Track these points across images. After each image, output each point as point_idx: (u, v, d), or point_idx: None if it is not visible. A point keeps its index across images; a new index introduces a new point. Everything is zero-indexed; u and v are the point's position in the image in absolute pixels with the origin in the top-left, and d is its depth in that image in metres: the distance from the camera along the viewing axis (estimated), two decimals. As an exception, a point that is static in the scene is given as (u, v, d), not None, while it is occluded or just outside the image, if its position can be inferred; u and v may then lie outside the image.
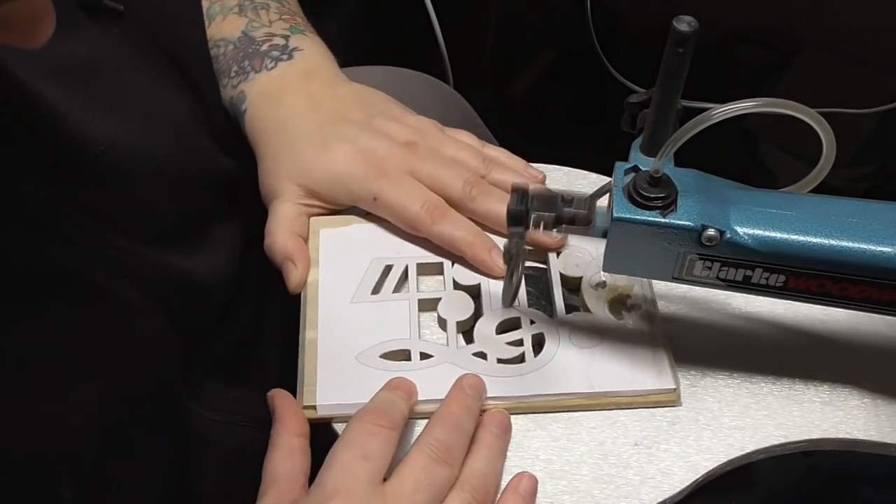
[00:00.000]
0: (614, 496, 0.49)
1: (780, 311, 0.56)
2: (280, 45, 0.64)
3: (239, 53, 0.64)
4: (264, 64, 0.63)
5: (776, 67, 1.03)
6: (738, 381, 0.53)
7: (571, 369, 0.52)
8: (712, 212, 0.45)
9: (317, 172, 0.58)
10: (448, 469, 0.47)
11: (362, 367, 0.53)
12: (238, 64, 0.64)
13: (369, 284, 0.57)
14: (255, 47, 0.64)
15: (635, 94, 0.50)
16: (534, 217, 0.47)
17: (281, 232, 0.58)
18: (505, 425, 0.51)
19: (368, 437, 0.46)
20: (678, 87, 0.44)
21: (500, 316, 0.55)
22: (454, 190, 0.58)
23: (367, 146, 0.58)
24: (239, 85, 0.63)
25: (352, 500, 0.44)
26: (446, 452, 0.47)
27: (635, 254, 0.46)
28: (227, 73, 0.64)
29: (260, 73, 0.63)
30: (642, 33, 0.74)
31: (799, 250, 0.44)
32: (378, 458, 0.46)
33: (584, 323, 0.54)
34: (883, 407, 0.52)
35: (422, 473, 0.46)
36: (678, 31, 0.42)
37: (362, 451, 0.46)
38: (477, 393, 0.51)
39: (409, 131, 0.60)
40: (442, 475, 0.46)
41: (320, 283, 0.57)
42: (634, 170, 0.47)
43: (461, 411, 0.49)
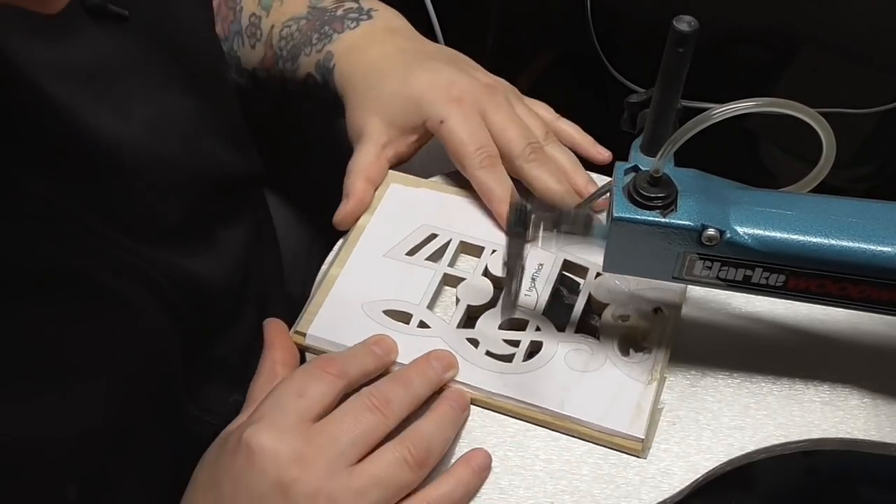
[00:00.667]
0: (614, 496, 0.49)
1: (780, 311, 0.56)
2: (355, 8, 0.66)
3: (315, 23, 0.66)
4: (346, 25, 0.65)
5: (776, 67, 1.03)
6: (738, 381, 0.53)
7: (551, 385, 0.52)
8: (712, 211, 0.45)
9: (397, 99, 0.60)
10: (381, 418, 0.47)
11: (363, 315, 0.54)
12: (317, 31, 0.65)
13: (408, 245, 0.58)
14: (330, 14, 0.66)
15: (635, 94, 0.50)
16: (534, 217, 0.47)
17: (354, 172, 0.60)
18: (463, 403, 0.51)
19: (310, 378, 0.47)
20: (678, 87, 0.44)
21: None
22: (516, 145, 0.58)
23: (447, 76, 0.60)
24: (324, 48, 0.65)
25: (274, 428, 0.45)
26: (384, 402, 0.47)
27: (635, 254, 0.46)
28: (307, 42, 0.66)
29: (343, 33, 0.64)
30: (642, 33, 0.74)
31: (799, 250, 0.44)
32: (313, 399, 0.46)
33: (586, 346, 0.54)
34: (883, 407, 0.52)
35: (351, 417, 0.46)
36: (678, 31, 0.42)
37: (299, 388, 0.47)
38: (442, 366, 0.51)
39: (492, 78, 0.62)
40: (373, 422, 0.46)
41: (366, 230, 0.59)
42: (634, 170, 0.47)
43: (415, 374, 0.50)
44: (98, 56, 0.49)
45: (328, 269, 0.57)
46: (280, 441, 0.45)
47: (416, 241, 0.58)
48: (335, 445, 0.45)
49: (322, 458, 0.45)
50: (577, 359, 0.53)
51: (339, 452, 0.45)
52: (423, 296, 0.55)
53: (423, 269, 0.57)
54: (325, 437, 0.45)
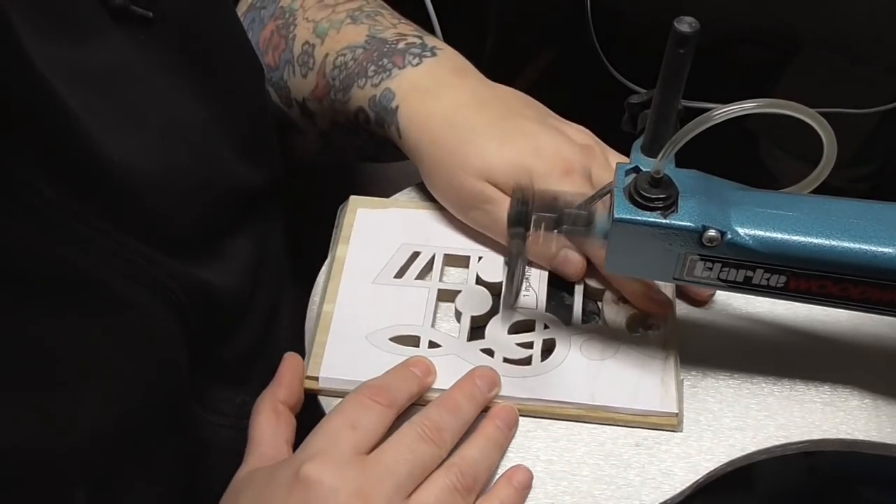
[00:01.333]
0: (615, 497, 0.49)
1: (781, 312, 0.56)
2: (418, 44, 0.61)
3: (373, 54, 0.61)
4: (407, 60, 0.60)
5: (776, 67, 1.03)
6: (738, 382, 0.53)
7: (576, 378, 0.52)
8: (713, 212, 0.45)
9: (501, 165, 0.55)
10: (434, 448, 0.46)
11: (371, 346, 0.53)
12: (375, 63, 0.61)
13: (394, 268, 0.57)
14: (391, 46, 0.61)
15: (636, 94, 0.50)
16: (534, 218, 0.47)
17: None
18: (511, 420, 0.50)
19: (361, 409, 0.47)
20: (679, 88, 0.44)
21: (515, 316, 0.55)
22: None
23: (549, 142, 0.56)
24: (381, 82, 0.60)
25: (330, 463, 0.44)
26: (436, 432, 0.47)
27: (636, 254, 0.46)
28: (362, 73, 0.61)
29: (404, 70, 0.60)
30: (643, 33, 0.74)
31: (800, 251, 0.44)
32: (366, 430, 0.46)
33: (597, 334, 0.54)
34: (884, 407, 0.52)
35: (405, 448, 0.46)
36: (679, 32, 0.42)
37: (352, 420, 0.46)
38: (486, 385, 0.50)
39: (582, 135, 0.59)
40: (427, 452, 0.46)
41: (347, 261, 0.58)
42: (635, 170, 0.47)
43: (463, 398, 0.49)
44: (117, 60, 0.48)
45: (319, 308, 0.56)
46: (339, 476, 0.44)
47: (401, 262, 0.57)
48: (393, 478, 0.45)
49: (381, 491, 0.44)
50: (593, 348, 0.53)
51: (397, 485, 0.45)
52: (424, 316, 0.55)
53: (415, 290, 0.56)
54: (383, 470, 0.45)
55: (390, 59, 0.60)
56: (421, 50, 0.61)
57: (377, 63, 0.61)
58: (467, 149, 0.56)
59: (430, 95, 0.59)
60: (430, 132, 0.58)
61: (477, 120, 0.57)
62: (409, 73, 0.59)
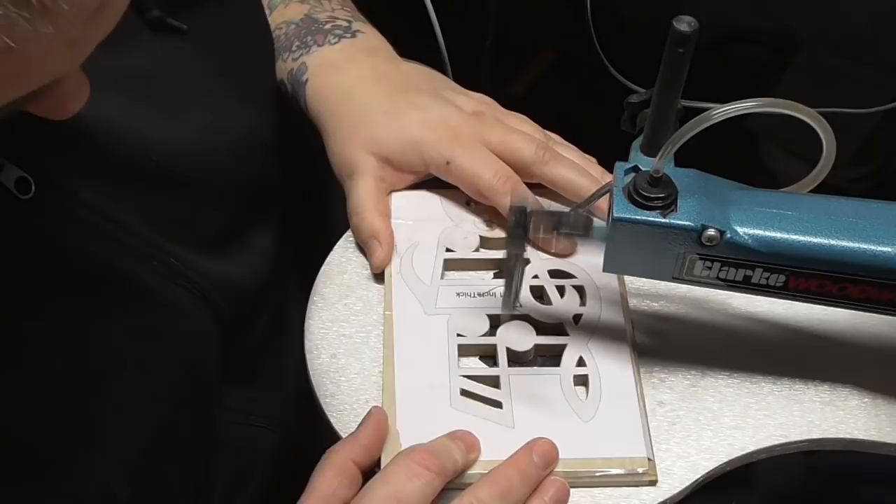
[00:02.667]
0: (614, 496, 0.49)
1: (780, 311, 0.56)
2: (343, 26, 0.65)
3: (301, 31, 0.65)
4: (327, 39, 0.64)
5: (776, 67, 1.03)
6: (738, 381, 0.53)
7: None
8: (712, 212, 0.45)
9: (390, 138, 0.59)
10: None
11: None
12: (300, 39, 0.64)
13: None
14: (318, 26, 0.65)
15: (635, 94, 0.50)
16: (533, 220, 0.47)
17: (368, 210, 0.58)
18: (562, 498, 0.47)
19: (409, 477, 0.44)
20: (678, 87, 0.44)
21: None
22: (527, 153, 0.58)
23: (438, 114, 0.59)
24: (300, 57, 0.63)
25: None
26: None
27: (635, 254, 0.46)
28: (287, 48, 0.64)
29: (322, 47, 0.63)
30: (642, 33, 0.74)
31: (799, 250, 0.44)
32: (412, 502, 0.44)
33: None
34: (883, 407, 0.52)
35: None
36: (678, 32, 0.42)
37: (398, 491, 0.44)
38: (544, 462, 0.47)
39: (474, 103, 0.61)
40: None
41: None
42: (634, 170, 0.47)
43: (518, 479, 0.46)
44: (156, 66, 0.50)
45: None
46: None
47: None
48: None
49: None
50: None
51: None
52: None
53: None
54: None
55: (314, 36, 0.64)
56: (343, 32, 0.64)
57: (301, 39, 0.64)
58: (360, 121, 0.59)
59: (336, 71, 0.62)
60: (331, 104, 0.61)
61: (373, 94, 0.60)
62: (325, 50, 0.63)
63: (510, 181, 0.57)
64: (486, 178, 0.57)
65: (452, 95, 0.62)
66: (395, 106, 0.59)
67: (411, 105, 0.59)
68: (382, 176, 0.59)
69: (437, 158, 0.58)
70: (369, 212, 0.58)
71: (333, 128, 0.61)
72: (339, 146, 0.60)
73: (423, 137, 0.58)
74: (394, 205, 0.61)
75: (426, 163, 0.58)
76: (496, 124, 0.59)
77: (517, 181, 0.57)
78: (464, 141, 0.58)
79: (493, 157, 0.58)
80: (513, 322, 0.54)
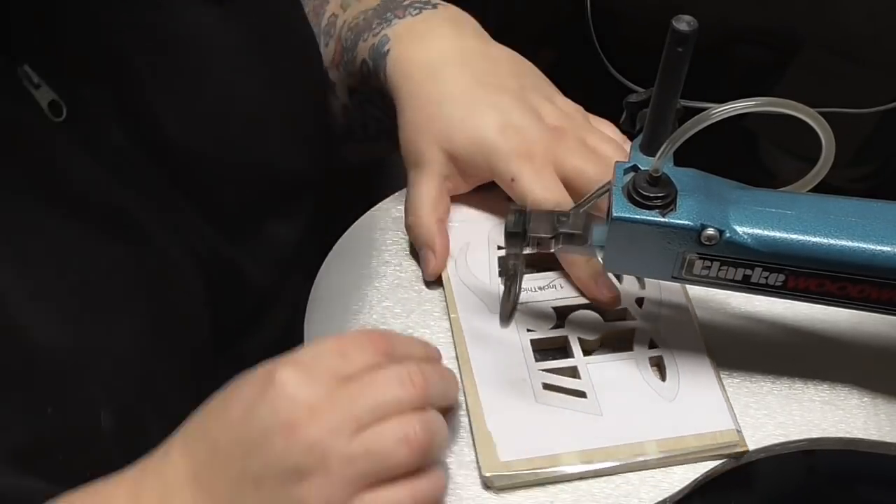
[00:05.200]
0: (614, 495, 0.49)
1: (780, 311, 0.56)
2: (424, 1, 0.62)
3: (380, 11, 0.63)
4: (407, 12, 0.62)
5: (776, 67, 1.03)
6: (737, 381, 0.53)
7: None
8: (712, 211, 0.45)
9: (462, 136, 0.56)
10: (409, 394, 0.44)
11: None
12: (379, 17, 0.62)
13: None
14: (397, 2, 0.63)
15: (635, 93, 0.50)
16: (530, 237, 0.47)
17: (426, 214, 0.57)
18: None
19: (358, 346, 0.45)
20: (677, 87, 0.44)
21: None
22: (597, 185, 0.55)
23: (518, 121, 0.56)
24: (381, 32, 0.61)
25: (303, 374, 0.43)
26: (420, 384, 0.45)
27: (635, 253, 0.46)
28: (367, 28, 0.63)
29: (403, 19, 0.61)
30: (642, 33, 0.74)
31: (798, 250, 0.44)
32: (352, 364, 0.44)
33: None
34: (882, 406, 0.53)
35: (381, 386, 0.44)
36: (677, 31, 0.42)
37: (343, 350, 0.45)
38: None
39: (558, 114, 0.59)
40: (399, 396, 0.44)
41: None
42: (634, 169, 0.47)
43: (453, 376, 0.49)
44: (187, 30, 0.51)
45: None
46: (303, 387, 0.43)
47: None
48: (352, 407, 0.43)
49: (335, 414, 0.42)
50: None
51: (353, 416, 0.42)
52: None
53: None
54: (346, 397, 0.43)
55: (393, 12, 0.62)
56: (423, 5, 0.62)
57: (381, 17, 0.62)
58: (435, 111, 0.57)
59: (420, 42, 0.59)
60: (413, 82, 0.58)
61: (455, 81, 0.58)
62: (407, 20, 0.61)
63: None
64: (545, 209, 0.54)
65: (538, 100, 0.59)
66: (475, 103, 0.57)
67: (491, 105, 0.57)
68: (447, 174, 0.58)
69: (504, 172, 0.55)
70: (427, 216, 0.57)
71: (410, 109, 0.58)
72: (412, 132, 0.58)
73: (494, 144, 0.56)
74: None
75: (492, 172, 0.56)
76: (574, 147, 0.56)
77: None
78: (535, 160, 0.55)
79: (559, 186, 0.55)
80: (579, 312, 0.55)
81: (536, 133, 0.56)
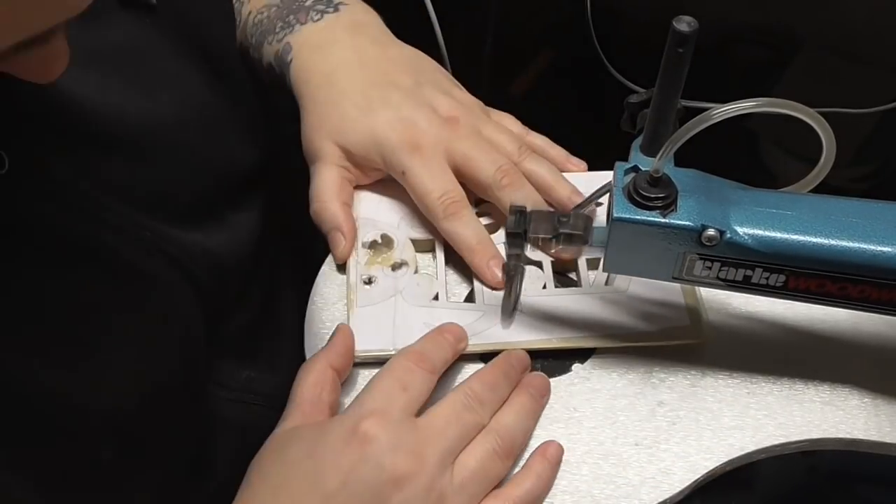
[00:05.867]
0: (614, 496, 0.49)
1: (780, 311, 0.56)
2: (325, 0, 0.64)
3: (282, 11, 0.64)
4: (309, 17, 0.63)
5: (776, 67, 1.03)
6: (738, 381, 0.53)
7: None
8: (712, 212, 0.45)
9: (355, 133, 0.58)
10: (477, 416, 0.48)
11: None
12: (282, 20, 0.63)
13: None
14: (299, 3, 0.64)
15: (635, 94, 0.50)
16: (531, 238, 0.48)
17: (331, 199, 0.58)
18: (543, 389, 0.52)
19: (410, 373, 0.48)
20: (678, 87, 0.44)
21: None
22: (486, 175, 0.57)
23: (408, 116, 0.58)
24: (284, 38, 0.63)
25: (387, 422, 0.45)
26: (478, 403, 0.48)
27: (635, 254, 0.46)
28: (271, 30, 0.64)
29: (305, 25, 0.62)
30: (642, 33, 0.74)
31: (799, 250, 0.44)
32: (416, 392, 0.47)
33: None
34: (883, 407, 0.53)
35: (453, 414, 0.47)
36: (678, 32, 0.42)
37: (403, 382, 0.47)
38: (521, 366, 0.52)
39: (453, 105, 0.60)
40: (471, 420, 0.48)
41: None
42: (634, 170, 0.47)
43: (502, 377, 0.51)
44: (126, 41, 0.50)
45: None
46: (395, 435, 0.45)
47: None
48: (444, 440, 0.46)
49: (434, 452, 0.45)
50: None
51: (447, 447, 0.46)
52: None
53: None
54: (435, 433, 0.46)
55: (296, 15, 0.63)
56: (325, 6, 0.63)
57: (284, 20, 0.63)
58: (331, 111, 0.59)
59: (320, 52, 0.61)
60: (311, 87, 0.61)
61: (351, 82, 0.60)
62: (308, 28, 0.62)
63: (455, 205, 0.56)
64: (431, 197, 0.57)
65: (433, 94, 0.60)
66: (368, 100, 0.59)
67: (384, 102, 0.59)
68: (346, 167, 0.60)
69: (396, 165, 0.58)
70: (330, 200, 0.58)
71: (309, 112, 0.60)
72: (308, 131, 0.60)
73: (386, 139, 0.58)
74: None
75: (386, 166, 0.58)
76: (465, 136, 0.58)
77: (463, 206, 0.57)
78: (425, 152, 0.57)
79: (448, 175, 0.57)
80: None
81: (426, 125, 0.58)
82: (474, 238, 0.57)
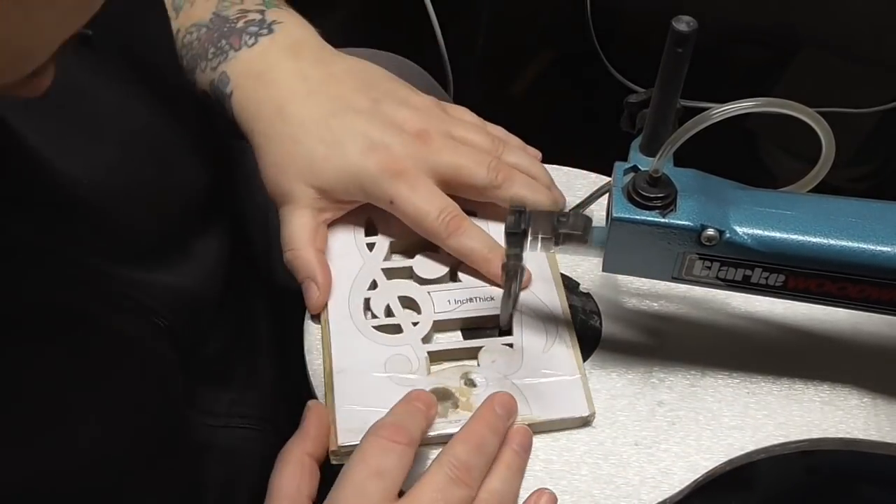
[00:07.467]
0: (614, 496, 0.49)
1: (780, 311, 0.56)
2: (257, 21, 0.59)
3: (213, 34, 0.60)
4: (243, 41, 0.59)
5: (776, 67, 1.04)
6: (737, 381, 0.53)
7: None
8: (712, 211, 0.45)
9: (330, 172, 0.55)
10: (466, 490, 0.45)
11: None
12: (214, 45, 0.59)
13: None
14: (231, 25, 0.59)
15: (635, 93, 0.50)
16: (532, 221, 0.47)
17: (304, 246, 0.56)
18: (527, 444, 0.49)
19: (382, 453, 0.45)
20: (677, 87, 0.44)
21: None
22: (479, 178, 0.56)
23: (380, 140, 0.55)
24: (219, 66, 0.59)
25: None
26: (466, 473, 0.45)
27: (635, 254, 0.46)
28: (203, 56, 0.59)
29: (240, 51, 0.58)
30: (642, 33, 0.74)
31: (798, 250, 0.44)
32: (392, 475, 0.44)
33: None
34: (883, 406, 0.53)
35: (438, 493, 0.44)
36: (677, 31, 0.42)
37: (376, 468, 0.44)
38: (507, 412, 0.49)
39: (417, 116, 0.57)
40: (459, 496, 0.45)
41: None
42: (634, 170, 0.47)
43: (487, 430, 0.48)
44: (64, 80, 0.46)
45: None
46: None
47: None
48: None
49: None
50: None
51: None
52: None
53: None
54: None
55: (228, 39, 0.59)
56: (258, 28, 0.59)
57: (216, 45, 0.59)
58: (295, 149, 0.56)
59: (262, 82, 0.57)
60: (262, 122, 0.57)
61: (307, 113, 0.56)
62: (244, 55, 0.58)
63: (455, 220, 0.55)
64: (430, 219, 0.54)
65: (393, 109, 0.57)
66: (332, 133, 0.56)
67: (350, 132, 0.56)
68: (321, 208, 0.57)
69: (381, 196, 0.55)
70: (304, 247, 0.56)
71: (268, 152, 0.57)
72: (274, 172, 0.57)
73: (364, 171, 0.55)
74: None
75: (369, 198, 0.56)
76: (442, 147, 0.56)
77: (462, 219, 0.55)
78: (408, 176, 0.55)
79: (437, 192, 0.55)
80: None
81: (401, 147, 0.55)
82: (485, 248, 0.55)
